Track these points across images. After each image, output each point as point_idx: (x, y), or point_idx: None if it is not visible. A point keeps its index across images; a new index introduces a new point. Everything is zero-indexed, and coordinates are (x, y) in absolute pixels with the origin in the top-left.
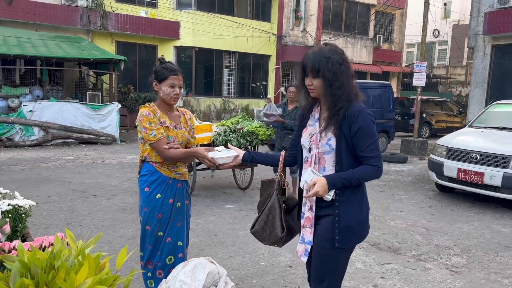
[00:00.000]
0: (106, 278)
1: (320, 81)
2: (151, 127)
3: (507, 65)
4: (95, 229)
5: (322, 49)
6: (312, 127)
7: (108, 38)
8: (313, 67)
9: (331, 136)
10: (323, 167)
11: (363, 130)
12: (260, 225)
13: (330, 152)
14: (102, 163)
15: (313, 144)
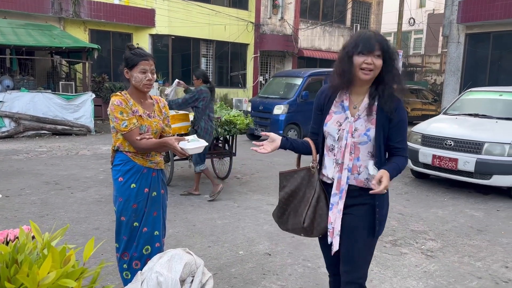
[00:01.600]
0: (72, 271)
1: (380, 63)
2: (123, 117)
3: (480, 53)
4: (69, 222)
5: (377, 32)
6: (339, 114)
7: (81, 26)
8: (381, 46)
9: (370, 126)
10: (357, 157)
11: (403, 122)
12: (310, 218)
13: (367, 143)
14: (76, 154)
15: (347, 134)
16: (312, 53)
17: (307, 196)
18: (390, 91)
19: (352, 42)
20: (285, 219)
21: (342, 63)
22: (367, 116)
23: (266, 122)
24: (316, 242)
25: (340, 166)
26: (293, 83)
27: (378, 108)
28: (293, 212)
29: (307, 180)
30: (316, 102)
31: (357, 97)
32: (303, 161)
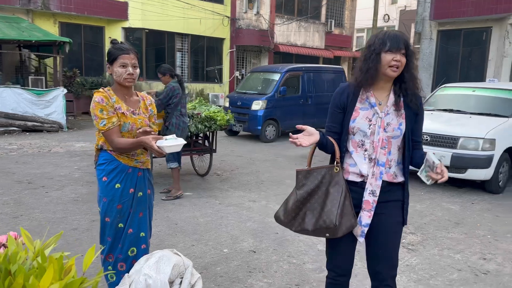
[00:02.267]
0: (71, 281)
1: (405, 61)
2: (102, 115)
3: (452, 50)
4: (45, 222)
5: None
6: (366, 111)
7: (51, 18)
8: (405, 43)
9: (401, 121)
10: (389, 151)
11: (423, 117)
12: (341, 217)
13: (398, 137)
14: (49, 152)
15: (379, 128)
16: (288, 49)
17: (334, 195)
18: (413, 89)
19: (379, 40)
20: (300, 220)
21: (368, 60)
22: (395, 111)
23: (245, 117)
24: (300, 238)
25: (374, 161)
26: (271, 79)
27: (404, 104)
28: (310, 211)
29: (329, 179)
30: (336, 100)
31: (381, 94)
32: (295, 159)
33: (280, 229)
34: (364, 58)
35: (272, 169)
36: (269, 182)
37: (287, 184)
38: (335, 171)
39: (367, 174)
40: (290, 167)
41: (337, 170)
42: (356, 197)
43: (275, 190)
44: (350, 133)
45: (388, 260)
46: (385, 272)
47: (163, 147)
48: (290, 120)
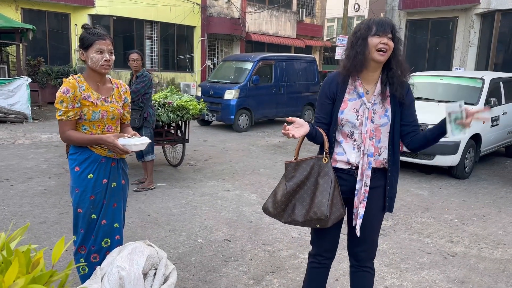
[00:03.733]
0: (40, 275)
1: (392, 45)
2: (60, 107)
3: (419, 39)
4: (11, 216)
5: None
6: (354, 101)
7: (12, 4)
8: (392, 29)
9: (387, 107)
10: (378, 140)
11: (413, 102)
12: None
13: (387, 123)
14: (13, 143)
15: (366, 120)
16: (260, 37)
17: (324, 186)
18: (400, 78)
19: (365, 25)
20: (290, 211)
21: (355, 46)
22: (381, 100)
23: (217, 107)
24: (275, 226)
25: (363, 152)
26: (243, 68)
27: (390, 92)
28: (299, 203)
29: (318, 170)
30: (325, 90)
31: (369, 83)
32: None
33: (254, 218)
34: (351, 45)
35: (245, 159)
36: (243, 172)
37: (260, 173)
38: (324, 162)
39: (354, 162)
40: (264, 156)
41: (326, 160)
42: (344, 183)
43: (249, 179)
44: (339, 124)
45: (368, 243)
46: (365, 254)
47: (130, 146)
48: (263, 109)
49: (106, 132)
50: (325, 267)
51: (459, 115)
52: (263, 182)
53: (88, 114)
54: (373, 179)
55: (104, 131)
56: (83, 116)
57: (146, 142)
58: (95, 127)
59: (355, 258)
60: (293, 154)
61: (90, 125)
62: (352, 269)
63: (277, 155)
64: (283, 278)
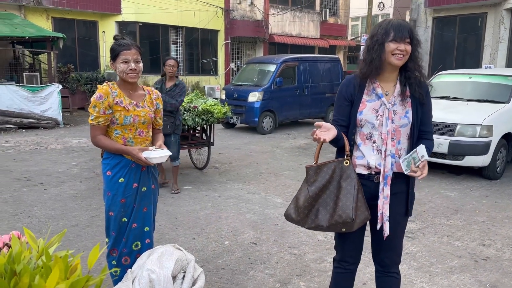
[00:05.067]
0: (77, 280)
1: (410, 49)
2: (93, 111)
3: (447, 37)
4: (45, 220)
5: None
6: (373, 102)
7: (43, 14)
8: (410, 33)
9: (408, 109)
10: (398, 141)
11: (431, 106)
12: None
13: (407, 125)
14: (46, 148)
15: (387, 120)
16: (283, 39)
17: (347, 189)
18: (417, 78)
19: (382, 30)
20: (313, 217)
21: (372, 51)
22: (402, 101)
23: (241, 110)
24: (300, 229)
25: (384, 153)
26: (267, 70)
27: (410, 93)
28: (323, 207)
29: (339, 173)
30: (343, 93)
31: (387, 84)
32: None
33: (280, 220)
34: (367, 49)
35: (270, 161)
36: (268, 174)
37: (285, 175)
38: (345, 164)
39: (374, 166)
40: (288, 158)
41: (348, 163)
42: (364, 190)
43: (274, 182)
44: (358, 125)
45: (392, 249)
46: (390, 259)
47: (150, 158)
48: (287, 111)
49: (138, 136)
50: (350, 272)
51: (417, 160)
52: (287, 184)
53: (120, 119)
54: (393, 184)
55: (135, 135)
56: (115, 121)
57: (167, 155)
58: (127, 131)
59: (380, 264)
60: (320, 155)
61: (122, 129)
62: (377, 274)
63: (302, 157)
64: (309, 281)
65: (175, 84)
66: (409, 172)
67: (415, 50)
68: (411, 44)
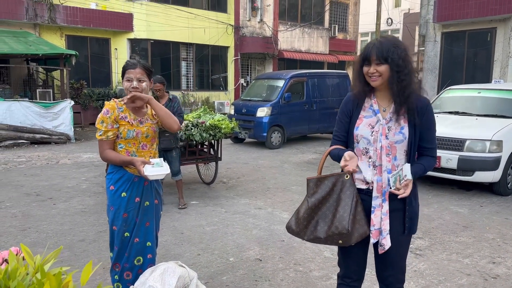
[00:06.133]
0: None
1: (386, 68)
2: (100, 127)
3: (456, 52)
4: (53, 234)
5: (387, 39)
6: (370, 118)
7: (57, 32)
8: (378, 53)
9: (404, 124)
10: (394, 157)
11: (432, 122)
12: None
13: (403, 141)
14: (57, 163)
15: (381, 136)
16: (292, 55)
17: (345, 201)
18: (398, 96)
19: (361, 53)
20: (312, 228)
21: (356, 73)
22: (397, 116)
23: (250, 125)
24: (307, 246)
25: (379, 169)
26: (275, 85)
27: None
28: (322, 219)
29: (340, 186)
30: (343, 108)
31: (384, 101)
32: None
33: (286, 236)
34: (354, 71)
35: (278, 176)
36: (275, 189)
37: (293, 190)
38: (346, 178)
39: (371, 181)
40: (296, 173)
41: (348, 177)
42: (363, 204)
43: (281, 197)
44: (355, 140)
45: (395, 268)
46: (393, 278)
47: (147, 175)
48: (296, 126)
49: (141, 149)
50: None
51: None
52: (295, 199)
53: (123, 132)
54: (391, 202)
55: (139, 149)
56: (119, 135)
57: (165, 173)
58: (130, 144)
59: (384, 282)
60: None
61: (126, 143)
62: None
63: (310, 172)
64: None
65: (169, 99)
66: (393, 189)
67: (394, 71)
68: (390, 65)
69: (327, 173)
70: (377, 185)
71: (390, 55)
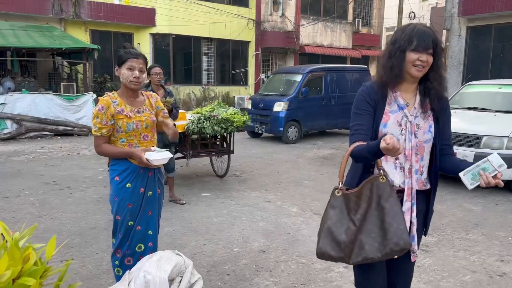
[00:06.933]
0: (35, 270)
1: (431, 61)
2: (95, 122)
3: (481, 46)
4: (66, 222)
5: (427, 26)
6: (395, 113)
7: (82, 27)
8: (434, 42)
9: (431, 122)
10: (421, 157)
11: (450, 118)
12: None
13: (430, 140)
14: (77, 155)
15: (410, 134)
16: (314, 49)
17: (394, 211)
18: (436, 90)
19: (405, 36)
20: (358, 249)
21: (393, 58)
22: (423, 113)
23: (267, 119)
24: (312, 239)
25: (409, 170)
26: (293, 80)
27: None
28: (367, 236)
29: (378, 192)
30: (366, 99)
31: (407, 94)
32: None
33: (292, 229)
34: (388, 55)
35: (291, 170)
36: (287, 183)
37: (304, 185)
38: (381, 181)
39: (399, 185)
40: (310, 168)
41: (384, 179)
42: None
43: (292, 191)
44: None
45: (405, 274)
46: (401, 285)
47: (151, 160)
48: (313, 121)
49: (143, 140)
50: None
51: (491, 170)
52: (305, 194)
53: (123, 126)
54: (419, 203)
55: (141, 140)
56: (119, 129)
57: (167, 157)
58: (132, 137)
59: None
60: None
61: (127, 136)
62: None
63: (324, 167)
64: None
65: (168, 92)
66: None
67: (438, 60)
68: (434, 53)
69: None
70: (407, 188)
71: (438, 45)
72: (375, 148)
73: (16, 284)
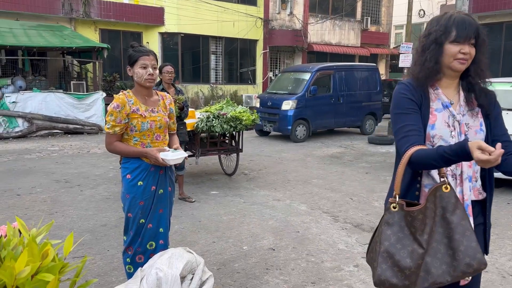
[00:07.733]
0: (52, 265)
1: (474, 52)
2: (109, 120)
3: (492, 44)
4: (77, 219)
5: (467, 14)
6: (441, 112)
7: (92, 26)
8: (476, 31)
9: (480, 120)
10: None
11: (501, 114)
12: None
13: (483, 140)
14: (87, 153)
15: (460, 135)
16: (322, 48)
17: (462, 225)
18: (480, 84)
19: (442, 27)
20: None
21: (427, 51)
22: (470, 111)
23: (275, 118)
24: (321, 237)
25: (460, 177)
26: (301, 78)
27: (476, 100)
28: (433, 257)
29: (441, 204)
30: (408, 96)
31: (449, 91)
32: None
33: (302, 227)
34: (421, 49)
35: (299, 169)
36: (295, 182)
37: (313, 183)
38: (445, 191)
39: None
40: (318, 166)
41: (448, 189)
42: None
43: (301, 190)
44: (428, 142)
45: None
46: None
47: (168, 160)
48: (321, 119)
49: (155, 140)
50: None
51: None
52: (314, 192)
53: (138, 126)
54: (476, 217)
55: (153, 140)
56: (133, 128)
57: (183, 156)
58: (145, 137)
59: None
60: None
61: (141, 135)
62: None
63: (333, 165)
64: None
65: (178, 90)
66: None
67: (480, 52)
68: (477, 45)
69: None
70: (460, 197)
71: (482, 36)
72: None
73: (34, 279)
